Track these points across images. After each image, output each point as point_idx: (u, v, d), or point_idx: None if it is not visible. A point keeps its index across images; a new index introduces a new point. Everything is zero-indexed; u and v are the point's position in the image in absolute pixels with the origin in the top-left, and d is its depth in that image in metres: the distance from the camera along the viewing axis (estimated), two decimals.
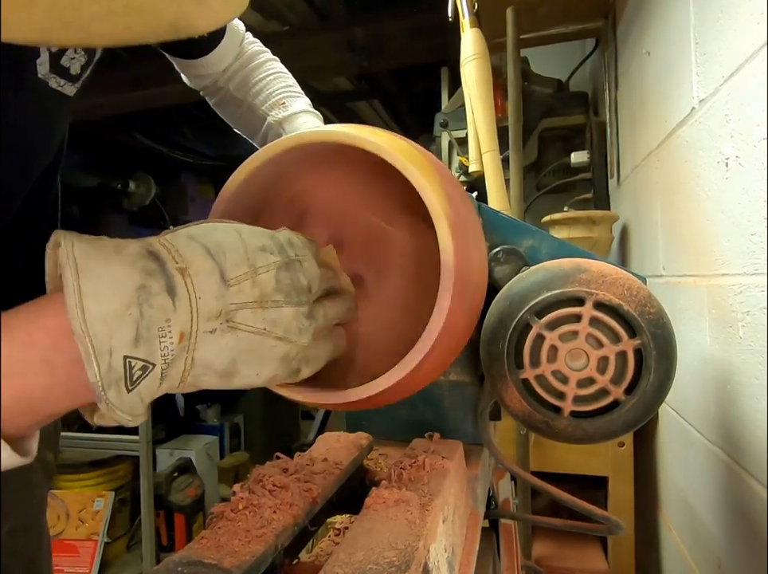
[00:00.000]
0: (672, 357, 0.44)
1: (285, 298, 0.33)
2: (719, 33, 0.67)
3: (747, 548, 0.66)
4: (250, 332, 0.31)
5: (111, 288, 0.26)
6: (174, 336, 0.28)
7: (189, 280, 0.28)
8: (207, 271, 0.29)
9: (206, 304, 0.29)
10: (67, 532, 2.14)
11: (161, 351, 0.27)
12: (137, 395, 0.27)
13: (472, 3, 1.21)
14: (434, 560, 0.34)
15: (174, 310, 0.28)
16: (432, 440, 0.49)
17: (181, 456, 2.58)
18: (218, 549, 0.32)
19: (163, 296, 0.27)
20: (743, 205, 0.62)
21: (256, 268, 0.31)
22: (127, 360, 0.26)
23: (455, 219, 0.36)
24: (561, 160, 1.57)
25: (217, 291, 0.29)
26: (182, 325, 0.28)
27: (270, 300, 0.32)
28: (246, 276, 0.31)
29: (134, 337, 0.26)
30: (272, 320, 0.32)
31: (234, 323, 0.30)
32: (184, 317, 0.28)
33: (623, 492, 1.20)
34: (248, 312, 0.31)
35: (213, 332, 0.29)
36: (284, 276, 0.33)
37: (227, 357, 0.30)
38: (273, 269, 0.32)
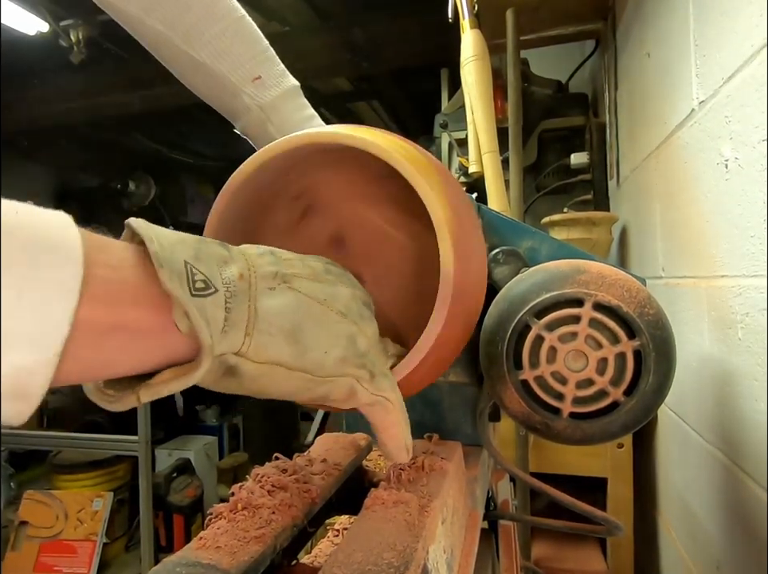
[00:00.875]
0: (671, 358, 0.44)
1: (337, 278, 0.33)
2: (719, 35, 0.67)
3: (746, 549, 0.66)
4: (310, 297, 0.30)
5: (173, 233, 0.26)
6: (233, 272, 0.27)
7: (240, 251, 0.29)
8: (257, 252, 0.30)
9: (261, 263, 0.29)
10: (65, 533, 2.14)
11: (222, 279, 0.26)
12: (202, 310, 0.25)
13: (472, 4, 1.21)
14: (433, 561, 0.34)
15: (230, 256, 0.28)
16: (432, 441, 0.49)
17: (180, 456, 2.58)
18: (217, 550, 0.32)
19: (219, 246, 0.28)
20: (743, 206, 0.62)
21: (303, 258, 0.32)
22: (188, 265, 0.25)
23: (457, 229, 0.36)
24: (560, 161, 1.57)
25: (269, 259, 0.30)
26: (240, 268, 0.28)
27: (322, 278, 0.32)
28: (294, 259, 0.32)
29: (193, 255, 0.26)
30: (330, 293, 0.31)
31: (292, 286, 0.30)
32: (240, 263, 0.28)
33: (622, 493, 1.20)
34: (304, 281, 0.30)
35: (272, 289, 0.29)
36: (332, 268, 0.34)
37: (291, 318, 0.29)
38: (321, 262, 0.34)
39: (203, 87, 0.62)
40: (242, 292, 0.27)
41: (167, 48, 0.58)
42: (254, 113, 0.60)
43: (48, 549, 2.11)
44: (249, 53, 0.59)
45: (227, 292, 0.26)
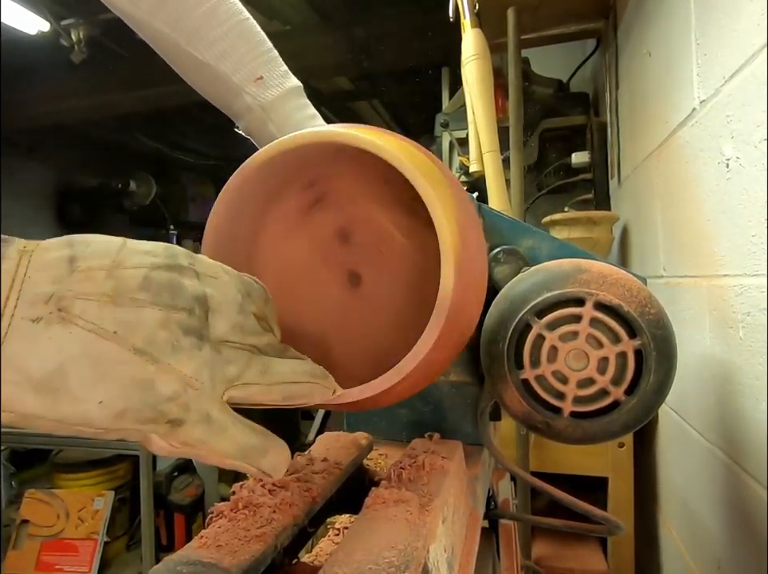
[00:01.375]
0: (672, 358, 0.44)
1: (153, 297, 0.25)
2: (720, 34, 0.67)
3: (747, 548, 0.66)
4: (91, 330, 0.24)
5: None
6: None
7: (26, 259, 0.23)
8: (55, 256, 0.24)
9: (35, 286, 0.23)
10: (67, 532, 2.14)
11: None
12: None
13: (473, 3, 1.21)
14: (434, 560, 0.34)
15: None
16: (432, 440, 0.49)
17: None
18: (218, 549, 0.32)
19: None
20: (744, 206, 0.62)
21: (121, 262, 0.25)
22: None
23: (459, 234, 0.36)
24: (561, 161, 1.57)
25: (57, 274, 0.24)
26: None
27: (128, 297, 0.25)
28: (102, 268, 0.25)
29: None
30: (127, 321, 0.24)
31: (69, 314, 0.23)
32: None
33: (623, 492, 1.20)
34: (92, 304, 0.24)
35: (36, 320, 0.23)
36: (159, 275, 0.26)
37: (52, 359, 0.23)
38: (146, 267, 0.26)
39: (206, 86, 0.62)
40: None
41: (172, 48, 0.59)
42: (256, 113, 0.61)
43: (50, 548, 2.12)
44: (252, 53, 0.60)
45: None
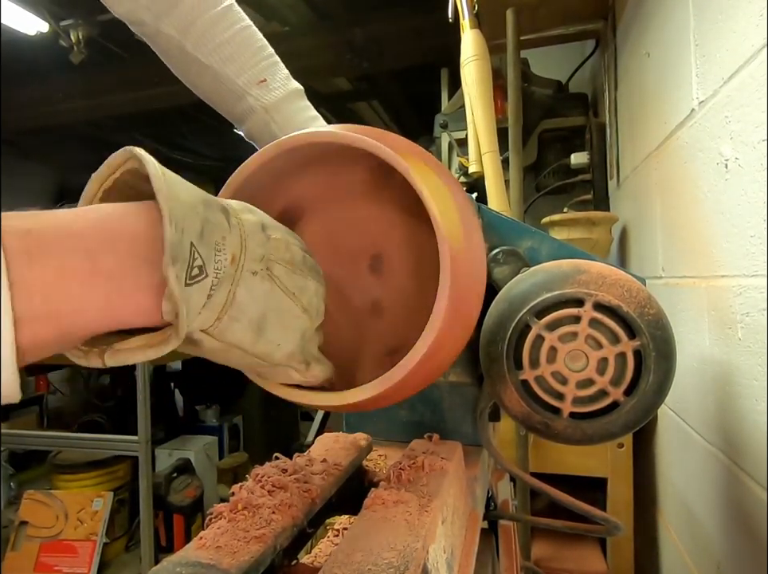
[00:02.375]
0: (671, 358, 0.44)
1: (310, 272, 0.35)
2: (719, 35, 0.67)
3: (746, 549, 0.66)
4: (283, 290, 0.32)
5: (183, 183, 0.28)
6: (227, 255, 0.28)
7: (237, 218, 0.30)
8: (251, 220, 0.31)
9: (252, 244, 0.30)
10: (66, 533, 2.14)
11: (215, 263, 0.27)
12: (188, 298, 0.26)
13: (472, 4, 1.21)
14: (433, 560, 0.34)
15: (230, 231, 0.29)
16: (432, 441, 0.49)
17: (180, 456, 2.58)
18: (217, 550, 0.32)
19: (221, 216, 0.29)
20: (742, 206, 0.62)
21: (286, 237, 0.34)
22: (192, 248, 0.26)
23: (457, 230, 0.36)
24: (560, 161, 1.57)
25: (260, 239, 0.31)
26: (234, 249, 0.29)
27: (298, 268, 0.34)
28: (281, 240, 0.33)
29: (200, 232, 0.27)
30: (300, 287, 0.34)
31: (272, 274, 0.32)
32: (236, 242, 0.29)
33: (622, 493, 1.20)
34: (282, 269, 0.32)
35: (255, 274, 0.30)
36: (307, 258, 0.36)
37: (260, 307, 0.31)
38: (299, 247, 0.35)
39: (210, 91, 0.64)
40: (228, 276, 0.28)
41: (178, 53, 0.62)
42: (258, 114, 0.62)
43: (49, 549, 2.11)
44: (255, 58, 0.62)
45: (215, 279, 0.27)
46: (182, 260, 0.25)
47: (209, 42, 0.60)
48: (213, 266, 0.27)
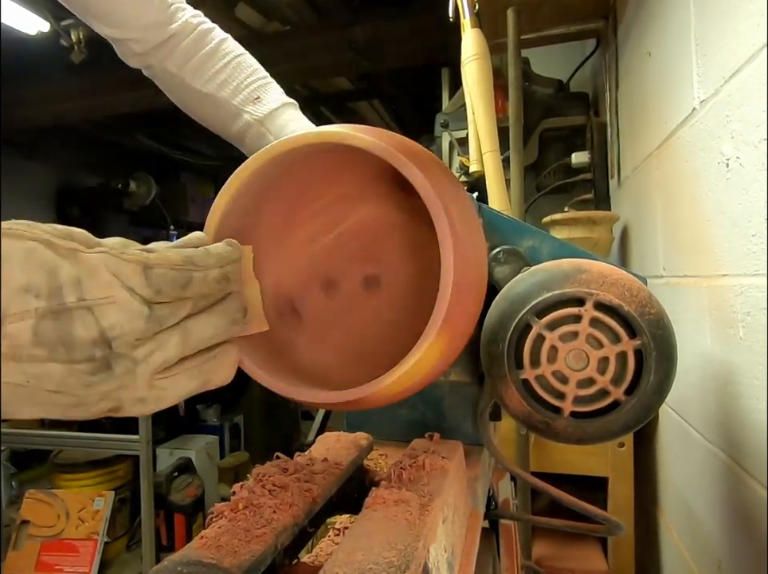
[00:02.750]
0: (672, 358, 0.44)
1: (49, 354, 0.26)
2: (720, 34, 0.67)
3: (747, 548, 0.66)
4: (6, 383, 0.25)
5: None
6: None
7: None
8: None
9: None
10: (67, 532, 2.14)
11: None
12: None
13: (472, 3, 1.21)
14: (434, 560, 0.34)
15: None
16: (433, 440, 0.49)
17: (181, 456, 2.58)
18: (218, 549, 0.32)
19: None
20: (743, 206, 0.62)
21: (6, 313, 0.25)
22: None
23: (458, 229, 0.36)
24: (561, 161, 1.57)
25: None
26: None
27: (26, 354, 0.25)
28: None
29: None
30: (35, 374, 0.26)
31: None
32: None
33: (623, 492, 1.20)
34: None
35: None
36: (48, 327, 0.26)
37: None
38: (33, 318, 0.25)
39: (209, 116, 0.69)
40: None
41: (178, 85, 0.67)
42: (254, 128, 0.66)
43: (50, 548, 2.12)
44: (249, 79, 0.66)
45: None
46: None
47: (206, 73, 0.65)
48: None
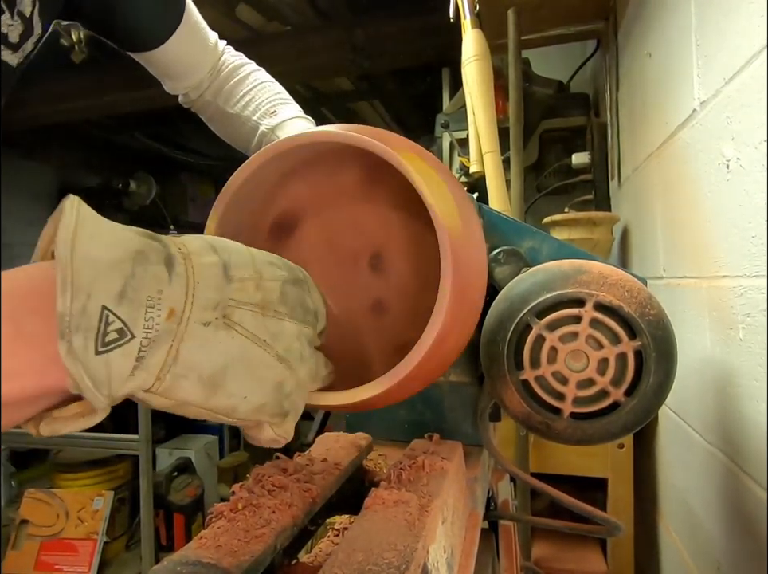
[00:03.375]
0: (672, 359, 0.44)
1: (290, 311, 0.30)
2: (720, 35, 0.67)
3: (747, 550, 0.66)
4: (248, 337, 0.28)
5: (108, 238, 0.24)
6: (162, 310, 0.25)
7: (190, 263, 0.26)
8: (210, 262, 0.27)
9: (204, 291, 0.26)
10: (66, 531, 2.14)
11: (144, 322, 0.24)
12: (104, 366, 0.23)
13: (473, 4, 1.21)
14: (433, 561, 0.34)
15: (169, 282, 0.25)
16: (432, 441, 0.49)
17: (180, 456, 2.58)
18: (217, 549, 0.32)
19: (160, 267, 0.25)
20: (744, 207, 0.62)
21: (260, 272, 0.29)
22: (104, 312, 0.23)
23: (457, 229, 0.36)
24: (561, 161, 1.57)
25: (218, 283, 0.27)
26: (174, 302, 0.25)
27: (273, 310, 0.29)
28: (251, 278, 0.29)
29: (119, 292, 0.23)
30: (274, 332, 0.29)
31: (231, 322, 0.27)
32: (178, 293, 0.25)
33: (622, 493, 1.20)
34: (247, 314, 0.28)
35: (206, 324, 0.26)
36: (291, 290, 0.31)
37: (218, 360, 0.27)
38: (280, 280, 0.30)
39: (236, 135, 0.77)
40: (167, 333, 0.25)
41: (214, 111, 0.77)
42: (267, 137, 0.71)
43: (49, 548, 2.11)
44: (270, 98, 0.74)
45: (145, 339, 0.24)
46: (86, 328, 0.22)
47: (236, 96, 0.74)
48: (143, 326, 0.24)
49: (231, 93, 0.75)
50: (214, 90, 0.75)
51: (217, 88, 0.75)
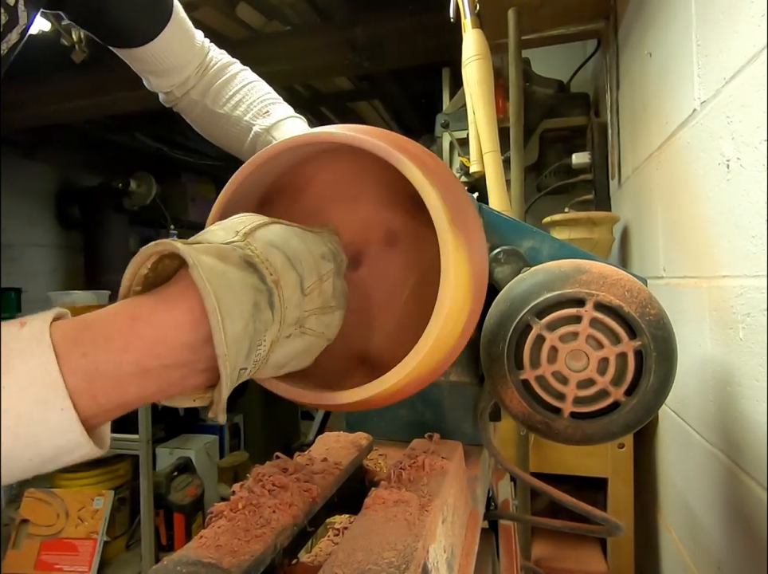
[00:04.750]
0: (672, 358, 0.44)
1: (337, 303, 0.36)
2: (721, 35, 0.67)
3: (747, 550, 0.66)
4: (313, 335, 0.34)
5: (237, 307, 0.28)
6: (266, 345, 0.30)
7: (281, 292, 0.31)
8: (293, 283, 0.32)
9: (290, 313, 0.32)
10: (66, 531, 2.14)
11: (254, 358, 0.30)
12: (230, 387, 0.29)
13: (473, 4, 1.21)
14: (433, 560, 0.34)
15: (272, 322, 0.30)
16: (432, 441, 0.49)
17: (181, 455, 2.58)
18: (217, 549, 0.32)
19: (267, 311, 0.30)
20: (744, 207, 0.62)
21: (321, 275, 0.34)
22: (240, 371, 0.29)
23: (458, 229, 0.36)
24: (562, 161, 1.57)
25: (297, 300, 0.32)
26: (273, 335, 0.31)
27: (328, 306, 0.35)
28: (315, 284, 0.34)
29: (247, 352, 0.29)
30: (327, 324, 0.36)
31: (304, 328, 0.34)
32: (275, 328, 0.31)
33: (622, 493, 1.20)
34: (313, 318, 0.34)
35: (289, 337, 0.33)
36: (338, 283, 0.37)
37: (291, 356, 0.34)
38: (331, 276, 0.36)
39: (227, 136, 0.75)
40: (266, 355, 0.31)
41: (201, 111, 0.76)
42: (262, 137, 0.71)
43: (49, 547, 2.11)
44: (260, 98, 0.73)
45: (253, 367, 0.30)
46: (231, 383, 0.28)
47: (224, 96, 0.73)
48: (253, 360, 0.30)
49: (219, 93, 0.73)
50: (201, 89, 0.74)
51: (204, 87, 0.74)
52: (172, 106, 0.78)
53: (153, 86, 0.76)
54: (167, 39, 0.67)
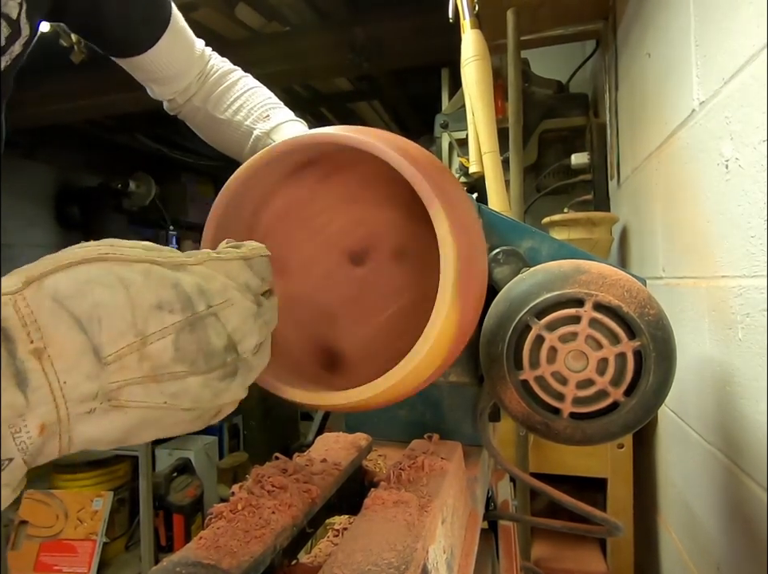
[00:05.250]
0: (671, 359, 0.44)
1: (190, 367, 0.27)
2: (720, 35, 0.67)
3: (746, 550, 0.66)
4: (144, 408, 0.26)
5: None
6: (32, 430, 0.24)
7: (48, 363, 0.24)
8: (75, 350, 0.24)
9: (76, 388, 0.24)
10: (66, 532, 2.14)
11: (17, 447, 0.23)
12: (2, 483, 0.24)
13: (472, 4, 1.21)
14: (433, 561, 0.34)
15: (27, 405, 0.23)
16: (432, 441, 0.49)
17: (180, 456, 2.58)
18: (217, 550, 0.32)
19: (11, 391, 0.23)
20: (743, 207, 0.62)
21: (146, 336, 0.26)
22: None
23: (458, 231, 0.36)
24: (561, 162, 1.57)
25: (90, 370, 0.25)
26: (43, 417, 0.24)
27: (167, 373, 0.26)
28: (131, 348, 0.26)
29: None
30: (173, 393, 0.27)
31: (119, 401, 0.26)
32: (44, 409, 0.24)
33: (622, 493, 1.20)
34: (137, 388, 0.26)
35: (91, 412, 0.25)
36: (188, 340, 0.27)
37: (118, 433, 0.26)
38: (172, 333, 0.27)
39: (228, 141, 0.76)
40: (49, 436, 0.24)
41: (203, 117, 0.77)
42: (262, 141, 0.71)
43: (49, 549, 2.11)
44: (261, 103, 0.73)
45: (25, 455, 0.24)
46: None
47: (225, 102, 0.74)
48: (17, 449, 0.23)
49: (221, 99, 0.74)
50: (203, 96, 0.75)
51: (205, 94, 0.75)
52: (176, 113, 0.79)
53: (156, 94, 0.77)
54: (166, 46, 0.68)
